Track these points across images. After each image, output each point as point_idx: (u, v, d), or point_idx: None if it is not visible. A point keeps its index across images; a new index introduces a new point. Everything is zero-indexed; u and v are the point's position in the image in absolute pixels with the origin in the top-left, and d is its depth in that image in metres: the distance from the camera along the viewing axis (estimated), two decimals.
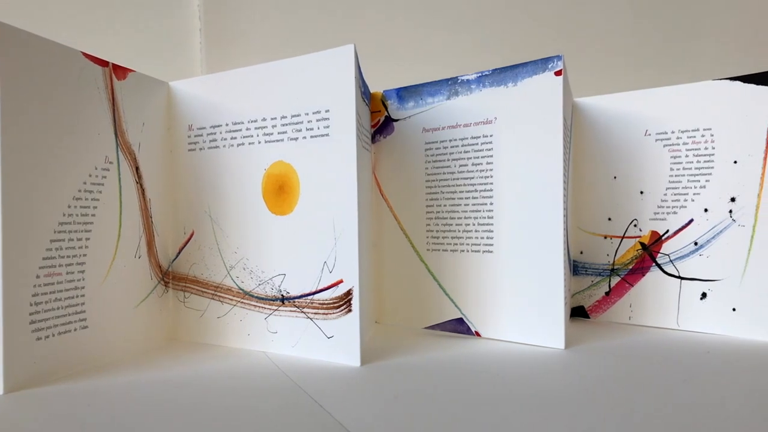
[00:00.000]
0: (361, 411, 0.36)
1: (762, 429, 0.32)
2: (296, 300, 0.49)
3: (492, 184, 0.53)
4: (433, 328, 0.58)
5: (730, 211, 0.54)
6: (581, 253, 0.63)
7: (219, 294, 0.53)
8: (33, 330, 0.42)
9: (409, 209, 0.59)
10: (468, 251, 0.55)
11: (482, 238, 0.54)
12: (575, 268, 0.63)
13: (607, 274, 0.61)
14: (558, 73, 0.49)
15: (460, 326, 0.56)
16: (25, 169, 0.41)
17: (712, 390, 0.39)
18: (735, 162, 0.54)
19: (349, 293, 0.46)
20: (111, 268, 0.48)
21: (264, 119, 0.50)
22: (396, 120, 0.59)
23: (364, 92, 0.55)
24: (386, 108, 0.59)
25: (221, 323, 0.53)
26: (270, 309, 0.50)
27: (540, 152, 0.50)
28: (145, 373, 0.45)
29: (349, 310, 0.46)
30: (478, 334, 0.55)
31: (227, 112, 0.52)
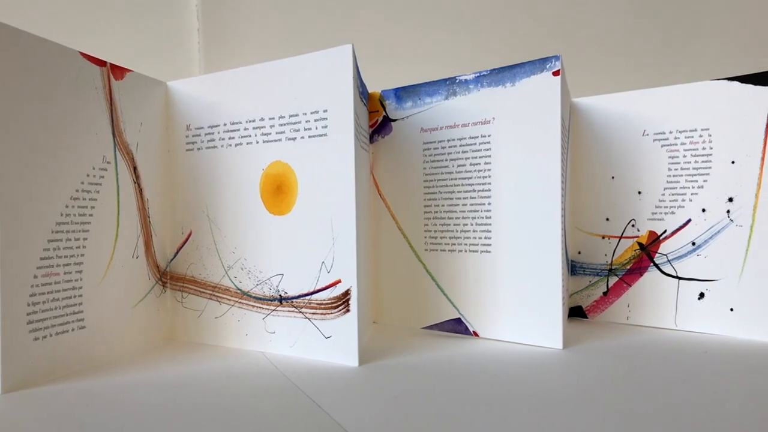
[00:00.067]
0: (359, 411, 0.36)
1: (760, 429, 0.32)
2: (294, 300, 0.49)
3: (490, 184, 0.53)
4: (431, 328, 0.58)
5: (728, 212, 0.54)
6: (579, 253, 0.63)
7: (217, 294, 0.53)
8: (31, 330, 0.41)
9: (407, 209, 0.59)
10: (466, 251, 0.55)
11: (480, 238, 0.54)
12: (573, 268, 0.63)
13: (605, 274, 0.61)
14: (556, 74, 0.49)
15: (458, 326, 0.56)
16: (23, 169, 0.41)
17: (710, 390, 0.39)
18: (733, 162, 0.54)
19: (347, 293, 0.46)
20: (109, 268, 0.48)
21: (262, 119, 0.50)
22: (394, 120, 0.59)
23: (362, 92, 0.55)
24: (384, 108, 0.59)
25: (219, 323, 0.53)
26: (268, 309, 0.50)
27: (538, 152, 0.50)
28: (142, 373, 0.45)
29: (347, 310, 0.46)
30: (476, 334, 0.55)
31: (225, 112, 0.52)
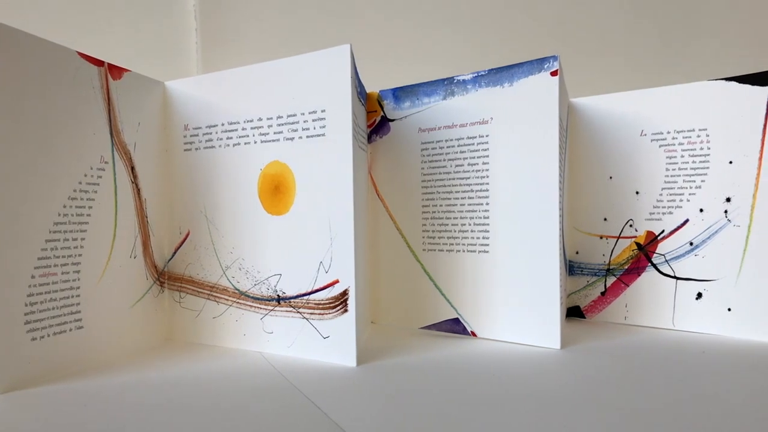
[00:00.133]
0: (357, 411, 0.36)
1: (758, 429, 0.32)
2: (292, 300, 0.49)
3: (488, 184, 0.53)
4: (429, 328, 0.58)
5: (726, 212, 0.54)
6: (577, 253, 0.63)
7: (215, 294, 0.53)
8: (28, 330, 0.41)
9: (405, 209, 0.59)
10: (464, 251, 0.55)
11: (478, 238, 0.54)
12: (571, 268, 0.63)
13: (602, 274, 0.61)
14: (554, 74, 0.49)
15: (456, 326, 0.56)
16: (20, 169, 0.41)
17: (708, 390, 0.39)
18: (730, 162, 0.54)
19: (345, 293, 0.46)
20: (106, 268, 0.48)
21: (260, 119, 0.50)
22: (392, 120, 0.59)
23: (360, 92, 0.55)
24: (382, 108, 0.59)
25: (217, 323, 0.53)
26: (266, 309, 0.50)
27: (536, 152, 0.50)
28: (140, 373, 0.45)
29: (345, 311, 0.46)
30: (474, 334, 0.55)
31: (223, 111, 0.52)
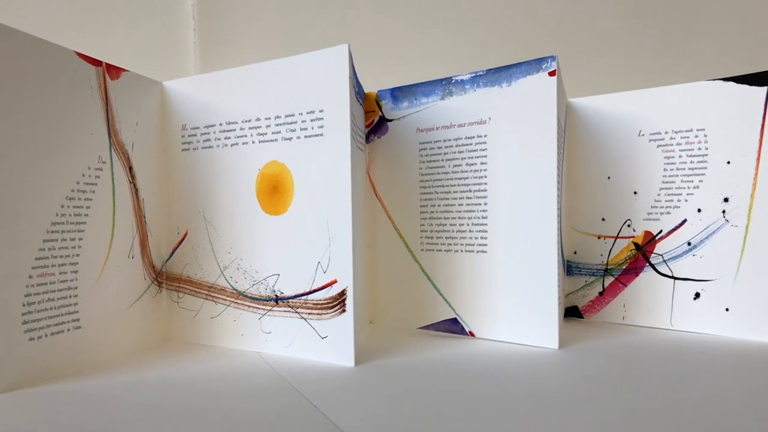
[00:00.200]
0: (355, 411, 0.36)
1: (756, 428, 0.32)
2: (290, 300, 0.49)
3: (486, 184, 0.53)
4: (427, 328, 0.58)
5: (724, 212, 0.54)
6: (575, 253, 0.63)
7: (213, 294, 0.53)
8: (26, 330, 0.41)
9: (403, 209, 0.59)
10: (462, 251, 0.55)
11: (476, 238, 0.54)
12: (569, 268, 0.63)
13: (600, 274, 0.61)
14: (552, 74, 0.49)
15: (454, 326, 0.56)
16: (18, 169, 0.41)
17: (706, 390, 0.39)
18: (728, 162, 0.54)
19: (343, 293, 0.46)
20: (104, 268, 0.48)
21: (258, 119, 0.50)
22: (390, 120, 0.59)
23: (359, 92, 0.55)
24: (380, 108, 0.59)
25: (215, 323, 0.53)
26: (264, 309, 0.50)
27: (534, 152, 0.50)
28: (138, 373, 0.45)
29: (343, 311, 0.46)
30: (472, 334, 0.55)
31: (221, 111, 0.52)
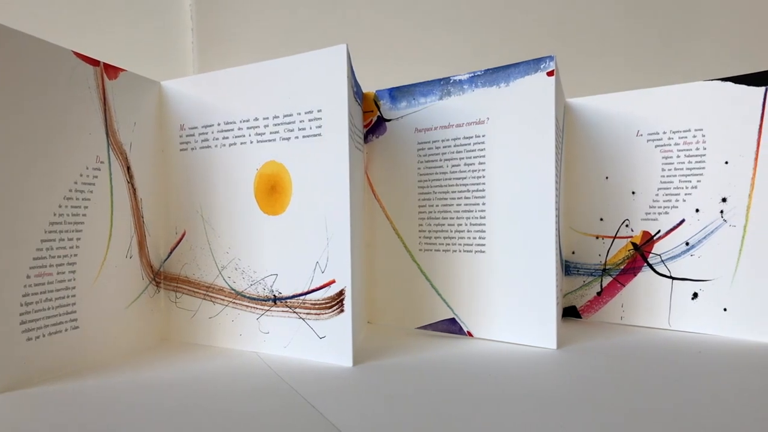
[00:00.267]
0: (353, 411, 0.36)
1: (753, 428, 0.32)
2: (288, 300, 0.49)
3: (484, 184, 0.53)
4: (425, 328, 0.58)
5: (722, 212, 0.54)
6: (573, 253, 0.63)
7: (211, 294, 0.53)
8: (23, 330, 0.41)
9: (402, 209, 0.59)
10: (460, 251, 0.55)
11: (474, 238, 0.54)
12: (567, 268, 0.63)
13: (598, 274, 0.61)
14: (550, 74, 0.49)
15: (452, 326, 0.56)
16: (16, 169, 0.41)
17: (704, 390, 0.39)
18: (726, 162, 0.54)
19: (341, 293, 0.46)
20: (102, 268, 0.48)
21: (256, 119, 0.50)
22: (388, 120, 0.59)
23: (357, 92, 0.55)
24: (378, 108, 0.59)
25: (213, 323, 0.53)
26: (262, 309, 0.50)
27: (532, 152, 0.50)
28: (136, 373, 0.45)
29: (342, 311, 0.46)
30: (470, 334, 0.55)
31: (219, 111, 0.52)
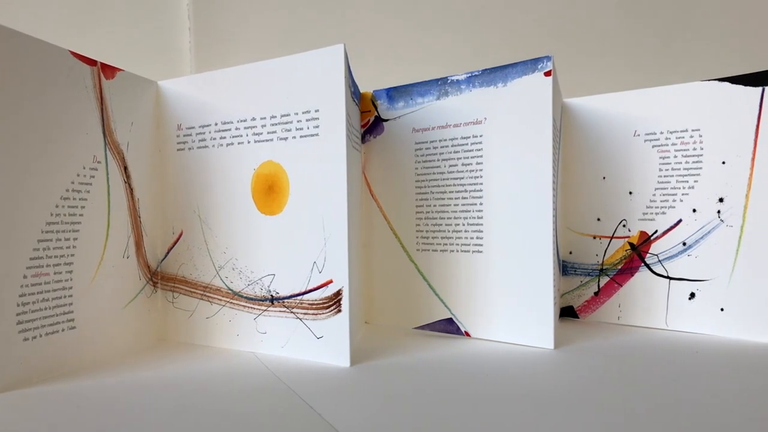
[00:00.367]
0: (350, 412, 0.36)
1: (751, 428, 0.32)
2: (286, 300, 0.49)
3: (482, 184, 0.53)
4: (422, 328, 0.58)
5: (719, 212, 0.54)
6: (570, 253, 0.63)
7: (208, 294, 0.53)
8: (20, 330, 0.41)
9: (399, 209, 0.59)
10: (458, 251, 0.55)
11: (472, 238, 0.54)
12: (564, 268, 0.63)
13: (596, 274, 0.61)
14: (547, 74, 0.49)
15: (449, 326, 0.56)
16: (13, 169, 0.41)
17: (702, 390, 0.39)
18: (723, 163, 0.54)
19: (338, 293, 0.46)
20: (99, 268, 0.48)
21: (253, 119, 0.50)
22: (386, 120, 0.59)
23: (354, 92, 0.54)
24: (376, 108, 0.59)
25: (210, 324, 0.53)
26: (259, 309, 0.50)
27: (529, 152, 0.50)
28: (133, 373, 0.45)
29: (339, 311, 0.46)
30: (467, 334, 0.55)
31: (216, 111, 0.52)
